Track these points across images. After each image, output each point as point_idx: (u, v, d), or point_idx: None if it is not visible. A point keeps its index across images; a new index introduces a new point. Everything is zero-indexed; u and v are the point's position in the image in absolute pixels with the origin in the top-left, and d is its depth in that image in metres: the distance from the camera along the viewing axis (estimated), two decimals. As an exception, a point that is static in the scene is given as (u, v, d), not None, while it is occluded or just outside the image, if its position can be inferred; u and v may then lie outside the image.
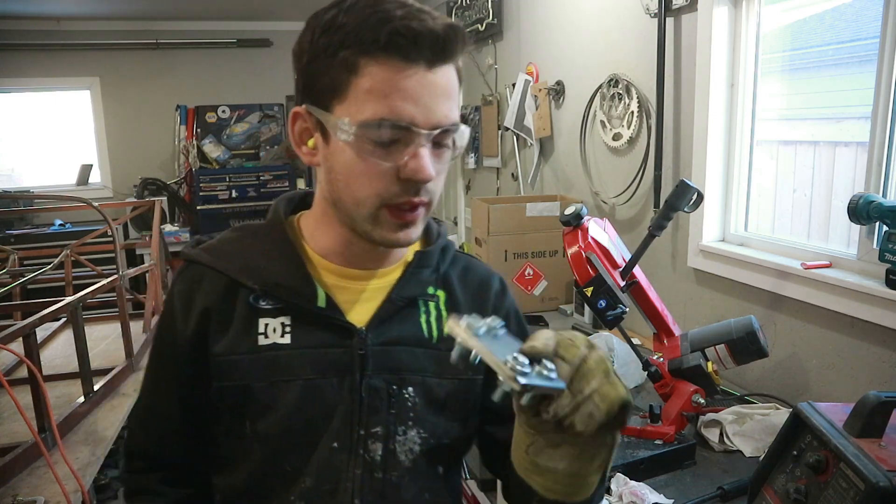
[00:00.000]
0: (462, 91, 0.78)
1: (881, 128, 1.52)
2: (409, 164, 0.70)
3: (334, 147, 0.73)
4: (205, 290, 0.81)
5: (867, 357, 1.53)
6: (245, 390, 0.78)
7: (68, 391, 1.77)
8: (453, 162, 0.83)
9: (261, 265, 0.80)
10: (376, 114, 0.68)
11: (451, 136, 0.73)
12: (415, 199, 0.72)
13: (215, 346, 0.79)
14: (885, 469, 0.88)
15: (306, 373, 0.77)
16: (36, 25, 4.60)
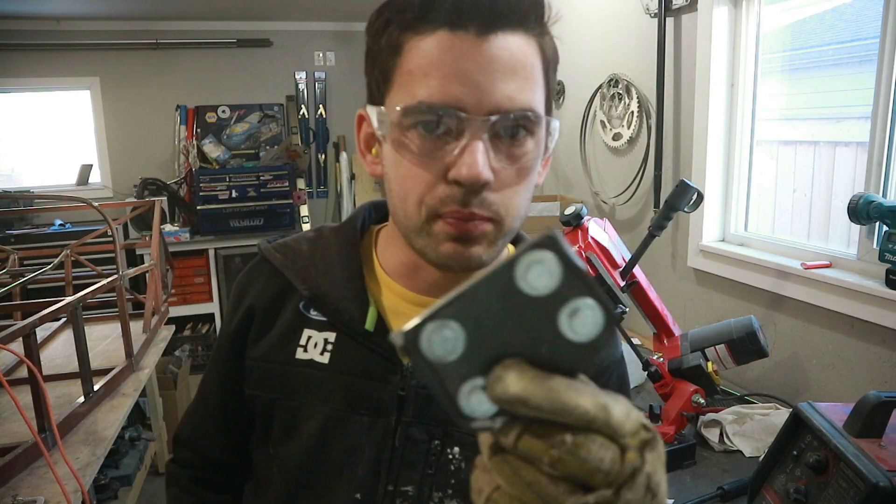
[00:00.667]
0: (555, 78, 0.62)
1: (881, 128, 1.52)
2: (457, 161, 0.55)
3: (385, 149, 0.61)
4: (258, 287, 0.74)
5: (867, 357, 1.53)
6: (271, 405, 0.70)
7: (68, 391, 1.77)
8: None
9: (320, 270, 0.70)
10: (414, 97, 0.55)
11: (525, 127, 0.56)
12: (464, 209, 0.56)
13: (253, 349, 0.72)
14: (885, 469, 0.88)
15: (335, 401, 0.67)
16: (36, 25, 4.60)
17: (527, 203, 0.62)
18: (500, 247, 0.61)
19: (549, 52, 0.60)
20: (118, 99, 4.90)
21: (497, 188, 0.57)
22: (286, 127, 4.98)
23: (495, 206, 0.57)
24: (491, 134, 0.55)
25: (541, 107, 0.58)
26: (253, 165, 4.74)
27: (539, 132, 0.58)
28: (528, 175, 0.59)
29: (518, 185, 0.59)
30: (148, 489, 2.74)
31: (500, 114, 0.54)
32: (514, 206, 0.59)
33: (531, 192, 0.62)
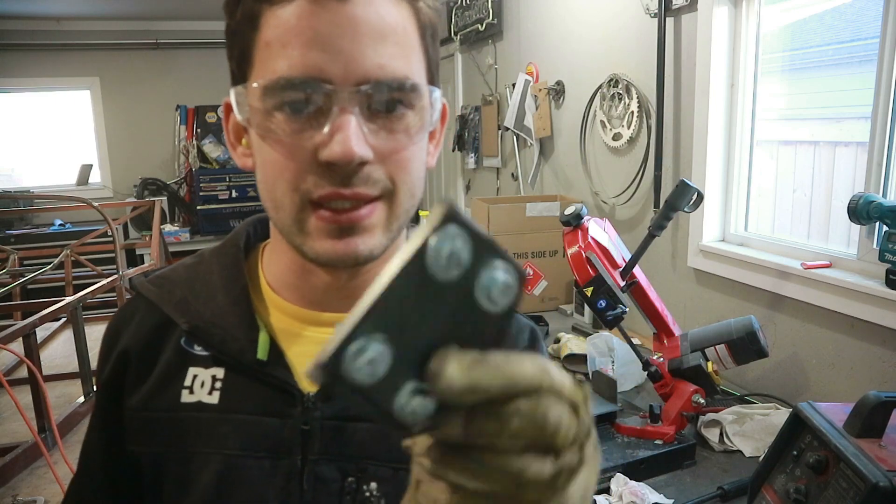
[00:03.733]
0: (436, 49, 0.57)
1: (881, 128, 1.52)
2: (326, 141, 0.49)
3: (252, 135, 0.55)
4: (132, 328, 0.63)
5: (867, 357, 1.53)
6: (159, 461, 0.60)
7: (68, 391, 1.77)
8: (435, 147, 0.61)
9: (201, 299, 0.61)
10: (274, 72, 0.49)
11: (402, 99, 0.51)
12: (344, 190, 0.50)
13: (131, 398, 0.62)
14: (885, 469, 0.88)
15: (230, 446, 0.57)
16: (36, 25, 4.60)
17: (420, 180, 0.55)
18: (395, 233, 0.55)
19: (426, 18, 0.54)
20: (118, 99, 4.90)
21: (381, 165, 0.51)
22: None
23: (382, 181, 0.51)
24: (363, 108, 0.49)
25: (420, 76, 0.53)
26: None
27: (419, 103, 0.52)
28: (413, 147, 0.53)
29: (404, 159, 0.52)
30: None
31: (372, 83, 0.49)
32: (406, 181, 0.53)
33: (422, 168, 0.56)
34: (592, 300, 1.49)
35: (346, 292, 0.59)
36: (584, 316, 2.41)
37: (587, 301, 1.51)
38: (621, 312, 1.50)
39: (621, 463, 1.34)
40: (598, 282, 1.48)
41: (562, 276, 2.62)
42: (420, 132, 0.53)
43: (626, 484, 1.28)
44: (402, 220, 0.55)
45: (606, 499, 1.27)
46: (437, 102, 0.55)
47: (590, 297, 1.49)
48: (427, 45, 0.55)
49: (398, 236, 0.56)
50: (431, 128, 0.56)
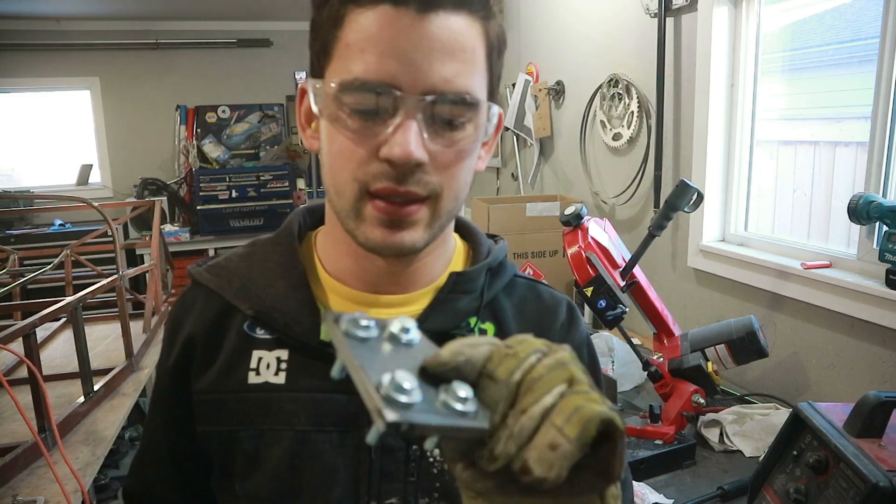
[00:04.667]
0: (500, 64, 0.61)
1: (881, 128, 1.52)
2: (389, 140, 0.54)
3: (322, 124, 0.60)
4: (195, 315, 0.67)
5: (867, 357, 1.53)
6: (230, 438, 0.63)
7: (68, 391, 1.77)
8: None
9: (261, 286, 0.65)
10: (350, 73, 0.54)
11: (462, 111, 0.55)
12: (399, 186, 0.55)
13: (199, 382, 0.66)
14: (885, 469, 0.88)
15: (300, 422, 0.61)
16: (36, 25, 4.60)
17: (465, 186, 0.61)
18: (436, 231, 0.60)
19: (494, 37, 0.58)
20: (118, 99, 4.90)
21: (433, 169, 0.56)
22: (286, 127, 4.98)
23: (432, 185, 0.56)
24: (426, 115, 0.54)
25: (481, 92, 0.57)
26: (253, 165, 4.75)
27: (478, 118, 0.57)
28: (467, 158, 0.59)
29: (455, 167, 0.58)
30: (148, 489, 2.73)
31: (437, 95, 0.54)
32: (453, 187, 0.58)
33: (470, 174, 0.61)
34: (592, 300, 1.49)
35: (399, 278, 0.65)
36: (584, 316, 2.41)
37: (587, 301, 1.51)
38: (621, 312, 1.50)
39: (621, 463, 1.33)
40: (598, 282, 1.48)
41: (562, 276, 2.62)
42: (474, 144, 0.58)
43: (626, 484, 1.28)
44: (443, 219, 0.60)
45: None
46: (493, 117, 0.60)
47: (590, 297, 1.49)
48: (492, 62, 0.59)
49: (440, 232, 0.61)
50: (487, 139, 0.62)
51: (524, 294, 0.72)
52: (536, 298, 0.72)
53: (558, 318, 0.71)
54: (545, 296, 0.73)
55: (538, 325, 0.70)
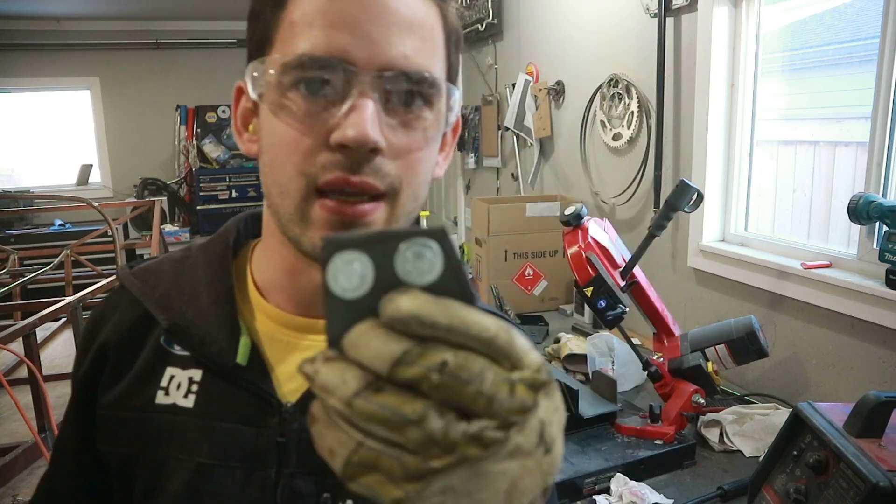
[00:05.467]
0: (457, 57, 0.56)
1: (881, 128, 1.52)
2: (341, 123, 0.47)
3: (262, 117, 0.52)
4: (113, 321, 0.61)
5: (867, 357, 1.53)
6: (128, 462, 0.57)
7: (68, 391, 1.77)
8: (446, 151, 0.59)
9: (185, 296, 0.58)
10: (297, 50, 0.48)
11: (422, 93, 0.49)
12: (352, 177, 0.47)
13: (105, 395, 0.59)
14: (885, 469, 0.88)
15: (202, 453, 0.54)
16: (36, 25, 4.60)
17: (425, 184, 0.53)
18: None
19: (451, 23, 0.54)
20: (118, 99, 4.90)
21: (392, 159, 0.49)
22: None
23: (390, 177, 0.49)
24: (383, 95, 0.48)
25: (440, 74, 0.52)
26: (253, 165, 4.75)
27: (438, 102, 0.51)
28: (427, 148, 0.51)
29: (415, 157, 0.50)
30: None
31: (395, 71, 0.47)
32: (412, 182, 0.51)
33: (430, 171, 0.54)
34: (592, 300, 1.49)
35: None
36: (584, 316, 2.41)
37: (587, 301, 1.51)
38: (621, 312, 1.50)
39: (621, 463, 1.34)
40: (598, 282, 1.48)
41: (562, 276, 2.62)
42: (435, 132, 0.52)
43: (626, 484, 1.28)
44: (402, 221, 0.52)
45: (606, 499, 1.27)
46: (454, 105, 0.54)
47: (590, 297, 1.49)
48: (450, 49, 0.54)
49: None
50: (445, 129, 0.55)
51: None
52: None
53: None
54: None
55: None
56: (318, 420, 0.30)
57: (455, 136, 0.60)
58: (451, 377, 0.28)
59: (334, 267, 0.30)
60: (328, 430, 0.29)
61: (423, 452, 0.28)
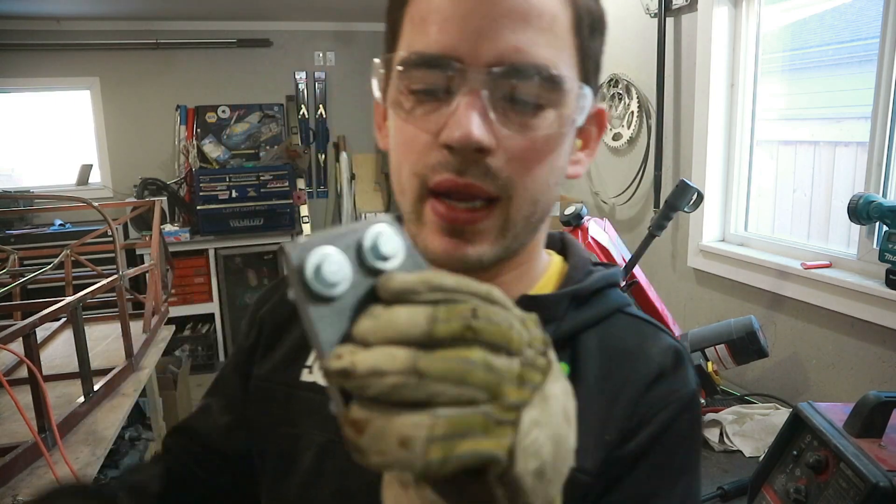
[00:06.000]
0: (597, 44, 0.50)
1: (881, 128, 1.52)
2: (448, 121, 0.44)
3: (389, 114, 0.52)
4: (274, 300, 0.65)
5: (867, 357, 1.53)
6: (268, 433, 0.60)
7: (68, 391, 1.77)
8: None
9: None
10: (412, 47, 0.47)
11: (540, 90, 0.45)
12: (460, 178, 0.45)
13: (258, 367, 0.63)
14: (885, 469, 0.88)
15: (333, 430, 0.51)
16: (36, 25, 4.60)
17: (547, 189, 0.48)
18: (510, 243, 0.48)
19: (584, 8, 0.48)
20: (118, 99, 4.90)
21: (504, 161, 0.45)
22: (286, 127, 4.98)
23: (502, 180, 0.45)
24: (495, 93, 0.44)
25: (566, 68, 0.46)
26: (253, 165, 4.75)
27: (563, 100, 0.46)
28: (548, 151, 0.47)
29: (532, 161, 0.46)
30: (148, 489, 2.73)
31: (506, 66, 0.44)
32: (528, 186, 0.46)
33: (555, 175, 0.49)
34: (592, 300, 1.49)
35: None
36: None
37: (587, 301, 1.51)
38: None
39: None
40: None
41: (562, 276, 2.62)
42: (558, 132, 0.47)
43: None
44: (519, 228, 0.48)
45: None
46: (585, 102, 0.48)
47: (590, 297, 1.49)
48: (583, 38, 0.48)
49: (516, 245, 0.49)
50: (575, 126, 0.49)
51: (621, 332, 0.54)
52: (634, 337, 0.54)
53: (650, 364, 0.52)
54: (648, 338, 0.54)
55: (620, 368, 0.52)
56: (371, 420, 0.26)
57: (601, 130, 0.54)
58: (486, 321, 0.28)
59: (312, 266, 0.28)
60: (388, 422, 0.26)
61: (497, 396, 0.27)
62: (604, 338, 0.53)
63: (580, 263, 0.58)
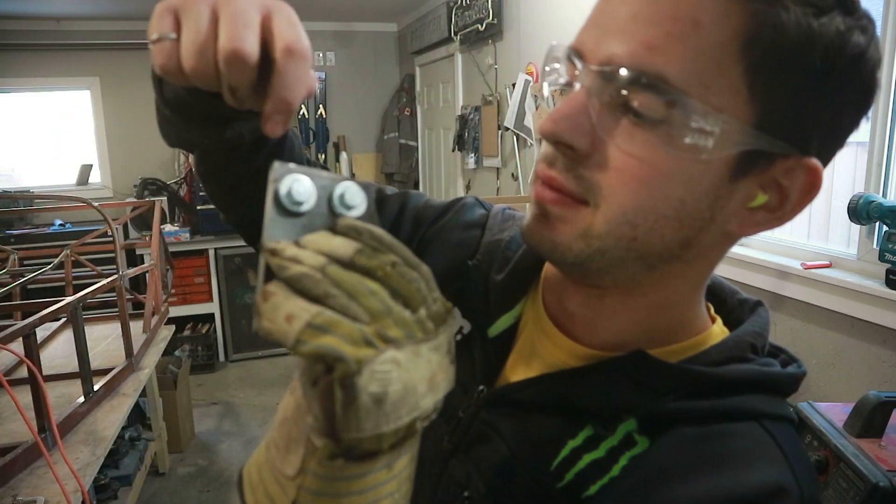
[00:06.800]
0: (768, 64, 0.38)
1: (881, 128, 1.52)
2: None
3: None
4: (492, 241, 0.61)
5: (867, 357, 1.53)
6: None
7: (68, 391, 1.77)
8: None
9: (510, 252, 0.57)
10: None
11: (646, 99, 0.39)
12: (548, 169, 0.43)
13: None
14: (885, 469, 0.88)
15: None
16: (36, 25, 4.60)
17: (655, 218, 0.41)
18: (595, 254, 0.42)
19: (768, 28, 0.37)
20: (118, 99, 4.90)
21: (597, 166, 0.41)
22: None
23: (587, 184, 0.41)
24: (602, 94, 0.40)
25: (692, 84, 0.38)
26: (253, 165, 4.74)
27: (679, 118, 0.38)
28: (653, 173, 0.40)
29: (629, 175, 0.40)
30: (148, 489, 2.74)
31: (612, 66, 0.39)
32: (622, 200, 0.41)
33: (669, 201, 0.41)
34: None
35: (575, 314, 0.49)
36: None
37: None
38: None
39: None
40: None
41: (562, 276, 2.62)
42: (667, 154, 0.39)
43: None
44: (607, 243, 0.42)
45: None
46: (710, 127, 0.38)
47: (590, 297, 1.49)
48: (749, 61, 0.38)
49: (613, 258, 0.43)
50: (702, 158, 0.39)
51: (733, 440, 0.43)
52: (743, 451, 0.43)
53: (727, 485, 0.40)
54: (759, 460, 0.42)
55: (694, 474, 0.41)
56: (276, 294, 0.31)
57: (807, 194, 0.42)
58: (399, 274, 0.33)
59: (286, 183, 0.34)
60: (286, 299, 0.31)
61: (378, 322, 0.32)
62: (706, 437, 0.43)
63: (735, 344, 0.48)
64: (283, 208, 0.34)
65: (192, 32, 0.39)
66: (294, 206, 0.34)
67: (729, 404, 0.45)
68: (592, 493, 0.44)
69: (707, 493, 0.40)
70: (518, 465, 0.47)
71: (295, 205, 0.34)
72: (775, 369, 0.48)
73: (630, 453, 0.44)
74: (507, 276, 0.55)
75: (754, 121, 0.39)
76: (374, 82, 5.05)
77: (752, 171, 0.41)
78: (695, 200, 0.41)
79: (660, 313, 0.47)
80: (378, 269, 0.33)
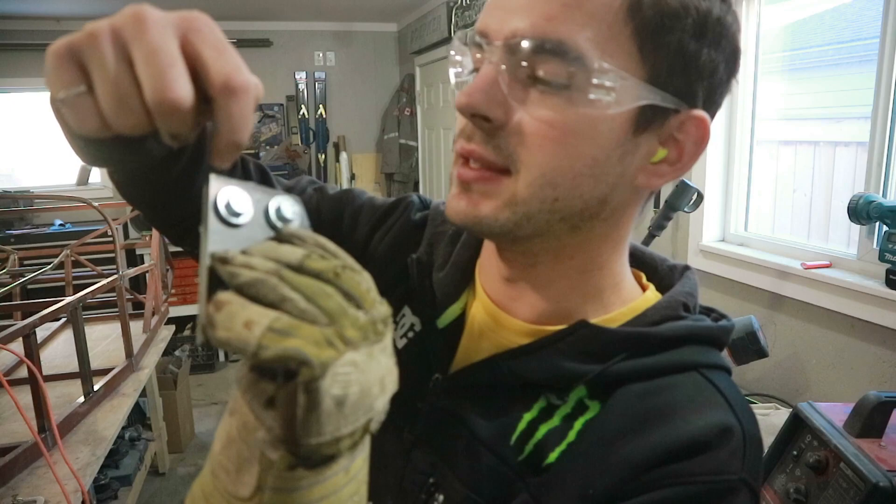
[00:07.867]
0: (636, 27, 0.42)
1: (881, 128, 1.52)
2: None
3: None
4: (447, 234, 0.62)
5: (867, 357, 1.53)
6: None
7: (68, 391, 1.77)
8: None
9: (451, 247, 0.59)
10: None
11: (552, 65, 0.42)
12: (467, 144, 0.46)
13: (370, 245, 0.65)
14: (885, 469, 0.88)
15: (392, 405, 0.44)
16: (36, 25, 4.60)
17: (572, 176, 0.44)
18: (521, 219, 0.45)
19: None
20: (118, 99, 4.90)
21: (512, 134, 0.44)
22: (286, 127, 4.98)
23: (507, 152, 0.44)
24: (510, 66, 0.43)
25: (589, 47, 0.41)
26: (253, 165, 4.75)
27: (583, 81, 0.42)
28: (567, 134, 0.43)
29: (542, 139, 0.43)
30: (148, 489, 2.74)
31: (516, 39, 0.42)
32: (540, 163, 0.44)
33: (585, 166, 0.44)
34: (592, 300, 1.49)
35: (514, 290, 0.52)
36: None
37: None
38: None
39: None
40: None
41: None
42: (576, 116, 0.43)
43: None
44: (532, 208, 0.45)
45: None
46: (609, 85, 0.42)
47: (590, 297, 1.49)
48: (635, 27, 0.42)
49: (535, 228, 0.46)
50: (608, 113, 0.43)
51: (677, 392, 0.47)
52: (687, 401, 0.46)
53: (680, 433, 0.44)
54: (702, 406, 0.46)
55: (646, 428, 0.45)
56: (230, 302, 0.31)
57: (700, 143, 0.47)
58: (348, 277, 0.33)
59: (224, 196, 0.34)
60: (242, 307, 0.31)
61: (336, 324, 0.31)
62: (651, 392, 0.46)
63: (668, 304, 0.51)
64: (223, 220, 0.34)
65: (105, 83, 0.33)
66: (233, 217, 0.34)
67: (669, 358, 0.48)
68: (553, 461, 0.47)
69: (660, 441, 0.44)
70: (480, 446, 0.49)
71: (233, 216, 0.34)
72: (708, 323, 0.51)
73: (583, 418, 0.47)
74: (450, 268, 0.57)
75: (646, 77, 0.43)
76: (373, 82, 5.05)
77: (651, 125, 0.45)
78: (605, 157, 0.45)
79: (589, 276, 0.51)
80: (329, 271, 0.33)
